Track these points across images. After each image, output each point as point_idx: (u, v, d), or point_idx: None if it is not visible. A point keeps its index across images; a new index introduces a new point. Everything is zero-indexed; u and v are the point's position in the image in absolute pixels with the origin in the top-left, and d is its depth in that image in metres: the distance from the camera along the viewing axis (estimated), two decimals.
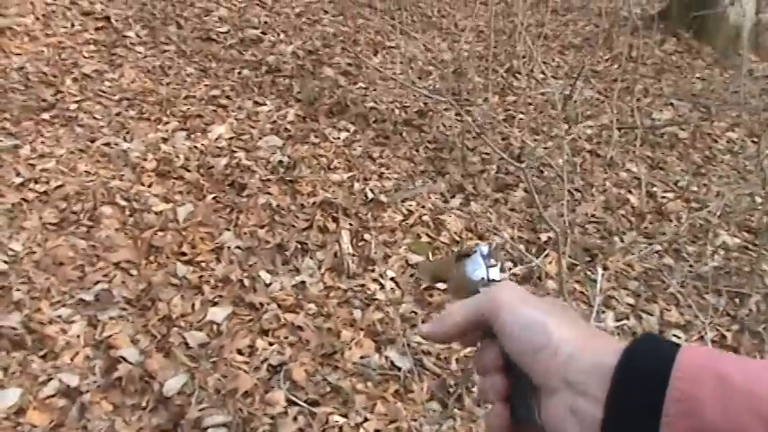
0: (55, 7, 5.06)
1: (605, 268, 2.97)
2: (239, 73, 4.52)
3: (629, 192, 3.84)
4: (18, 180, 3.09)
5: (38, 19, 4.80)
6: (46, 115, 3.67)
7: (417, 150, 3.90)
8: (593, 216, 3.58)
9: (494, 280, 0.59)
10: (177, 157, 3.46)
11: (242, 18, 5.44)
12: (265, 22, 5.38)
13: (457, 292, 0.61)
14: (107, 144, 3.54)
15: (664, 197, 3.85)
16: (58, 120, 3.67)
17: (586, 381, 0.44)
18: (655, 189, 3.92)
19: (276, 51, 4.89)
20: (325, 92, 4.33)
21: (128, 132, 3.67)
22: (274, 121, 3.95)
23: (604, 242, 3.37)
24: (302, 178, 3.45)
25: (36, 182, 3.11)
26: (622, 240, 3.40)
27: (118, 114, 3.84)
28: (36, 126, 3.57)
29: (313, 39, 5.21)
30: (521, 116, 4.31)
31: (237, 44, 4.98)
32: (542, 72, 4.98)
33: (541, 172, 3.85)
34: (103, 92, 4.07)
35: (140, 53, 4.65)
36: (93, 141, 3.54)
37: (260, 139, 3.75)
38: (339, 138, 3.88)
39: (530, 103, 4.58)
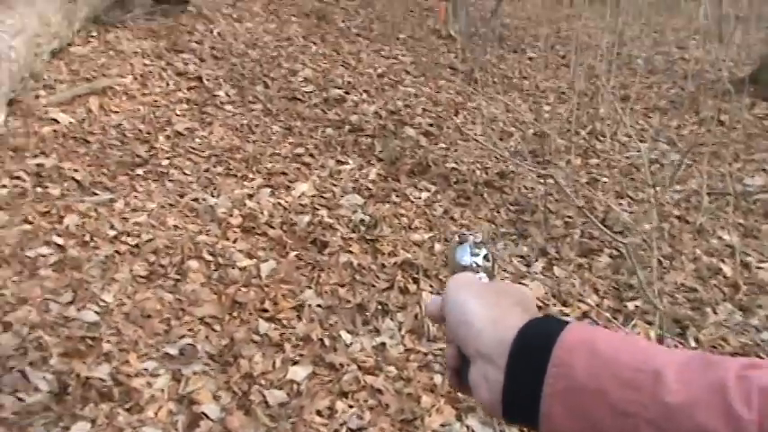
0: (152, 68, 5.32)
1: (698, 341, 2.84)
2: (323, 132, 4.62)
3: (722, 261, 3.69)
4: (112, 233, 3.20)
5: (136, 79, 5.06)
6: (140, 171, 3.83)
7: (498, 212, 3.87)
8: (682, 285, 3.44)
9: (478, 265, 0.66)
10: (261, 213, 3.54)
11: (326, 78, 5.59)
12: (349, 83, 5.52)
13: (451, 275, 0.67)
14: (195, 199, 3.65)
15: (759, 267, 3.67)
16: (150, 175, 3.82)
17: (492, 352, 0.54)
18: (749, 258, 3.75)
19: (359, 111, 4.99)
20: (407, 151, 4.37)
21: (215, 188, 3.77)
22: (356, 180, 4.01)
23: (696, 313, 3.23)
24: (383, 237, 3.46)
25: (128, 235, 3.23)
26: (716, 312, 3.25)
27: (206, 170, 3.97)
28: (130, 181, 3.72)
29: (395, 99, 5.30)
30: (605, 180, 4.23)
31: (321, 103, 5.11)
32: (627, 135, 4.91)
33: (626, 237, 3.75)
34: (194, 149, 4.22)
35: (229, 112, 4.82)
36: (182, 196, 3.65)
37: (342, 197, 3.80)
38: (420, 197, 3.89)
39: (614, 167, 4.50)
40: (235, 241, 3.33)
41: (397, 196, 3.84)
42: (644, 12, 7.96)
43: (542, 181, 4.00)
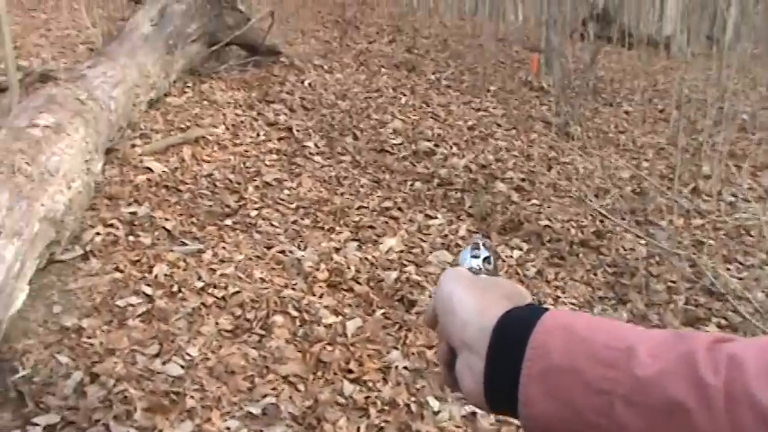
0: (244, 118, 5.41)
1: None
2: (411, 185, 4.54)
3: None
4: (199, 284, 3.19)
5: (228, 129, 5.14)
6: (228, 221, 3.83)
7: (595, 274, 3.67)
8: None
9: (479, 267, 0.64)
10: (348, 268, 3.46)
11: (415, 130, 5.54)
12: (438, 135, 5.45)
13: None
14: (282, 251, 3.61)
15: None
16: (239, 225, 3.82)
17: (475, 342, 0.54)
18: None
19: (448, 164, 4.90)
20: (498, 207, 4.23)
21: (302, 241, 3.73)
22: (445, 236, 3.89)
23: None
24: None
25: (215, 287, 3.20)
26: None
27: (294, 222, 3.94)
28: (219, 231, 3.72)
29: (485, 152, 5.19)
30: (710, 242, 3.97)
31: (410, 156, 5.05)
32: (733, 194, 4.62)
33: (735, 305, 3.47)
34: (282, 200, 4.21)
35: (318, 163, 4.82)
36: (269, 248, 3.62)
37: (430, 253, 3.69)
38: (512, 256, 3.74)
39: (719, 228, 4.22)
40: (321, 296, 3.25)
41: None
42: (746, 65, 7.63)
43: (643, 242, 3.78)
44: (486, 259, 0.65)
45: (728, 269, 3.81)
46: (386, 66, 7.61)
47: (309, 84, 6.52)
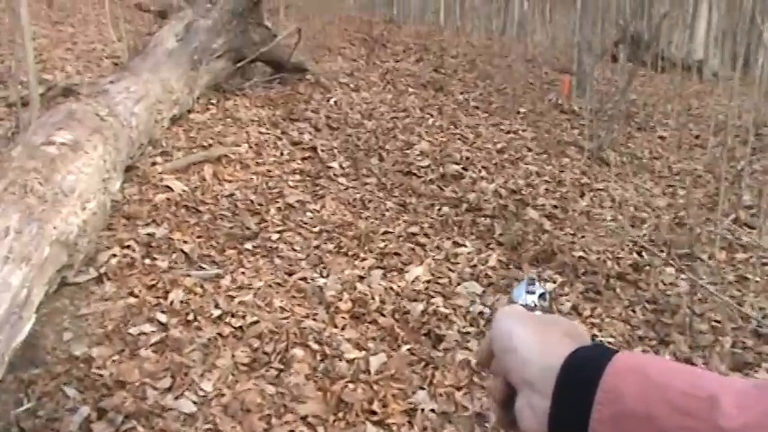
0: (267, 136, 5.29)
1: None
2: (439, 210, 4.37)
3: None
4: (216, 312, 3.03)
5: (251, 147, 5.02)
6: (249, 245, 3.68)
7: (634, 311, 3.45)
8: None
9: (535, 304, 0.64)
10: (372, 298, 3.28)
11: (443, 152, 5.38)
12: (467, 158, 5.28)
13: None
14: (304, 278, 3.45)
15: None
16: (259, 250, 3.67)
17: (539, 380, 0.52)
18: None
19: (477, 189, 4.72)
20: (529, 236, 4.04)
21: (324, 267, 3.57)
22: (474, 265, 3.71)
23: None
24: None
25: (233, 315, 3.04)
26: None
27: (317, 247, 3.79)
28: (238, 255, 3.57)
29: (515, 177, 5.01)
30: (756, 279, 3.74)
31: (438, 179, 4.89)
32: None
33: None
34: (305, 223, 4.06)
35: (342, 185, 4.67)
36: (290, 275, 3.46)
37: (458, 284, 3.51)
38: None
39: (765, 264, 3.99)
40: (343, 328, 3.08)
41: None
42: None
43: (684, 277, 3.57)
44: (541, 296, 0.65)
45: None
46: (413, 85, 7.47)
47: (335, 102, 6.40)
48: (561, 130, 6.34)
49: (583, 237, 4.16)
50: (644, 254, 3.91)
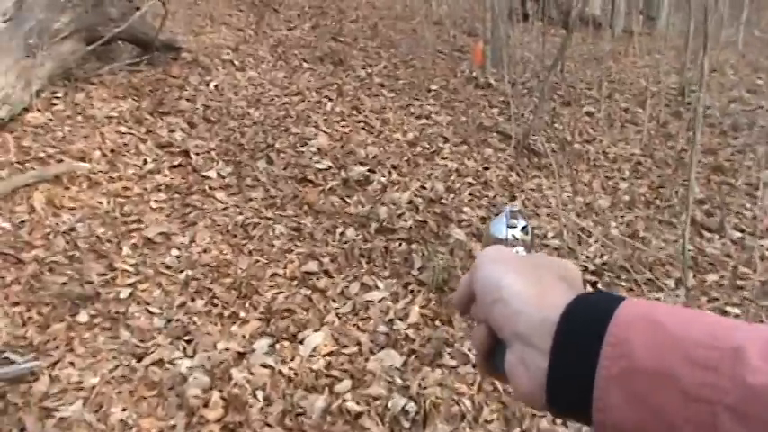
0: (127, 139, 4.24)
1: None
2: (342, 234, 3.48)
3: None
4: None
5: (104, 155, 3.98)
6: (85, 314, 2.70)
7: None
8: None
9: (516, 238, 0.58)
10: (254, 396, 2.38)
11: (344, 149, 4.47)
12: (373, 156, 4.39)
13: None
14: (160, 362, 2.52)
15: None
16: (100, 319, 2.70)
17: (533, 333, 0.45)
18: None
19: (388, 200, 3.84)
20: (457, 269, 3.20)
21: (189, 341, 2.64)
22: (390, 320, 2.85)
23: None
24: None
25: None
26: None
27: (181, 306, 2.85)
28: (68, 333, 2.60)
29: (433, 178, 4.15)
30: (736, 311, 3.05)
31: (339, 187, 3.98)
32: (737, 228, 3.74)
33: None
34: (168, 267, 3.10)
35: (220, 203, 3.71)
36: (140, 359, 2.52)
37: (371, 354, 2.64)
38: None
39: (741, 285, 3.31)
40: None
41: (451, 356, 2.64)
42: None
43: None
44: (523, 229, 0.58)
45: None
46: (308, 59, 6.48)
47: (216, 86, 5.36)
48: (479, 110, 5.51)
49: None
50: (599, 283, 3.16)
